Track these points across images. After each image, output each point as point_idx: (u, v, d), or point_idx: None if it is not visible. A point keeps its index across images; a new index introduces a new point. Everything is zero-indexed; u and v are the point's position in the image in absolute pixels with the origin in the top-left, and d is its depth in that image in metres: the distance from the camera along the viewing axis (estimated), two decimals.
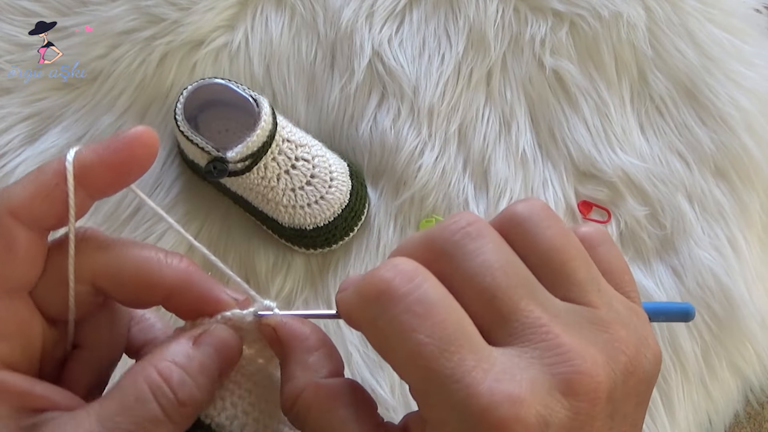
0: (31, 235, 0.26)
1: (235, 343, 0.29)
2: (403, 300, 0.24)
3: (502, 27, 0.72)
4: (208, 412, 0.28)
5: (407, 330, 0.24)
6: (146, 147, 0.27)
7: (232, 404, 0.29)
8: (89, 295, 0.28)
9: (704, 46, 0.72)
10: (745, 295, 0.65)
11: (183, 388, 0.26)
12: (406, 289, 0.24)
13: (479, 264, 0.25)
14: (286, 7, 0.71)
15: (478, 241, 0.26)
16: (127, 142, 0.27)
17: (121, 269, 0.28)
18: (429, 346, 0.23)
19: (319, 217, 0.63)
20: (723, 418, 0.66)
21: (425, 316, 0.24)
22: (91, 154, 0.27)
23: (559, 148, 0.69)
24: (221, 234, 0.66)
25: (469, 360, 0.23)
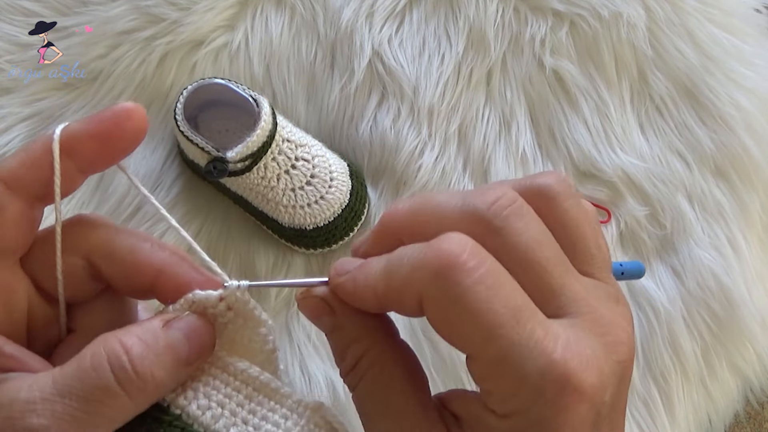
0: (18, 201, 0.27)
1: (207, 332, 0.28)
2: (475, 272, 0.24)
3: (502, 27, 0.72)
4: (179, 402, 0.28)
5: (483, 300, 0.24)
6: (133, 121, 0.27)
7: (206, 395, 0.28)
8: (83, 270, 0.28)
9: (704, 46, 0.72)
10: (745, 295, 0.65)
11: (142, 362, 0.25)
12: (475, 262, 0.24)
13: (527, 240, 0.26)
14: (286, 7, 0.71)
15: (525, 218, 0.27)
16: (114, 115, 0.27)
17: (115, 246, 0.28)
18: (505, 316, 0.24)
19: (319, 217, 0.63)
20: (723, 418, 0.66)
21: (497, 288, 0.24)
22: (79, 125, 0.28)
23: (559, 148, 0.69)
24: (221, 234, 0.66)
25: (538, 330, 0.24)
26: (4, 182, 0.27)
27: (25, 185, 0.27)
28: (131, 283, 0.29)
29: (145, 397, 0.26)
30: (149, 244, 0.29)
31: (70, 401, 0.24)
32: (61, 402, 0.24)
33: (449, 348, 0.60)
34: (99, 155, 0.28)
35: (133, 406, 0.25)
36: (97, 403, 0.24)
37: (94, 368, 0.25)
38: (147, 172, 0.66)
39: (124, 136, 0.28)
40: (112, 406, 0.25)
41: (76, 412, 0.24)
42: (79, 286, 0.29)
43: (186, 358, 0.27)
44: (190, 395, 0.28)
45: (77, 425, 0.24)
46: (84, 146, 0.27)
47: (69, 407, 0.24)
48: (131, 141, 0.28)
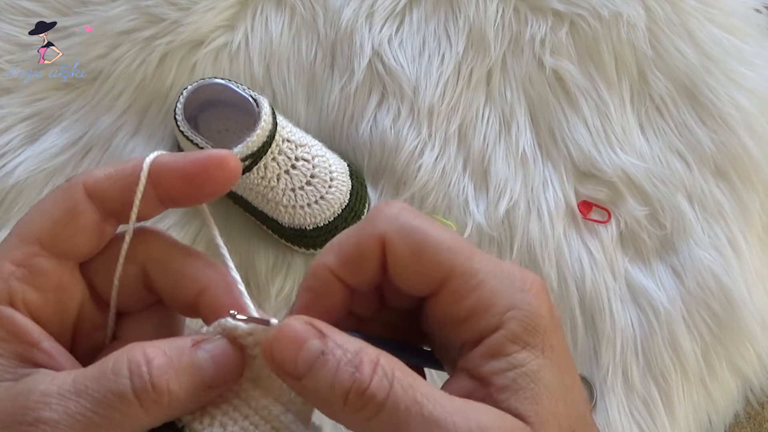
0: (95, 211, 0.28)
1: (235, 359, 0.28)
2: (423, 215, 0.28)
3: (502, 27, 0.72)
4: (194, 426, 0.27)
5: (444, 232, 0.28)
6: (223, 169, 0.28)
7: (221, 424, 0.28)
8: (137, 279, 0.29)
9: (704, 46, 0.72)
10: (745, 295, 0.65)
11: (161, 375, 0.25)
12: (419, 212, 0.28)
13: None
14: (286, 7, 0.71)
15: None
16: (206, 158, 0.28)
17: (170, 258, 0.29)
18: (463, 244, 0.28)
19: (319, 217, 0.63)
20: (723, 418, 0.66)
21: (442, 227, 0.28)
22: (171, 158, 0.28)
23: (559, 148, 0.69)
24: (221, 234, 0.66)
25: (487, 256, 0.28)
26: (86, 190, 0.28)
27: (105, 198, 0.28)
28: (177, 297, 0.29)
29: (158, 410, 0.25)
30: (202, 260, 0.29)
31: (84, 401, 0.24)
32: (76, 400, 0.24)
33: None
34: (182, 194, 0.28)
35: (146, 417, 0.25)
36: (110, 408, 0.24)
37: (113, 373, 0.25)
38: None
39: (211, 182, 0.28)
40: (124, 413, 0.24)
41: (88, 413, 0.24)
42: (131, 294, 0.29)
43: (210, 382, 0.27)
44: (206, 421, 0.28)
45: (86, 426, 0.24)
46: (170, 181, 0.28)
47: (81, 407, 0.24)
48: (218, 189, 0.28)
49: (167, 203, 0.29)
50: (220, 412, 0.28)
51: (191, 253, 0.30)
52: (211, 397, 0.28)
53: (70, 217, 0.27)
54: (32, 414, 0.24)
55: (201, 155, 0.28)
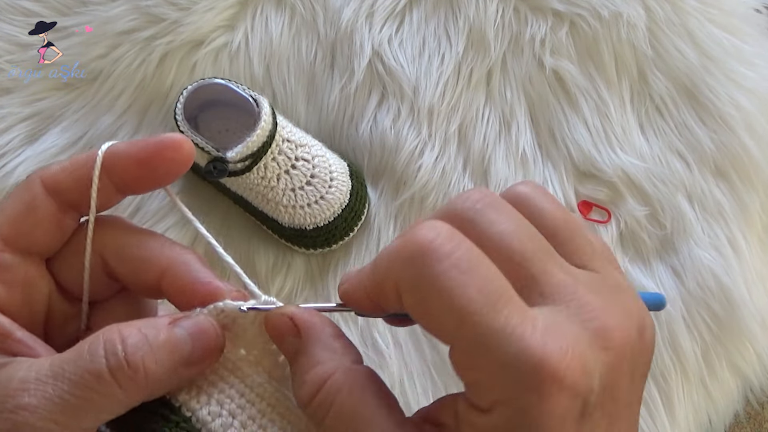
0: (53, 204, 0.28)
1: (214, 335, 0.28)
2: (448, 257, 0.24)
3: (502, 27, 0.72)
4: (190, 405, 0.28)
5: (456, 286, 0.23)
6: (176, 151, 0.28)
7: (218, 402, 0.28)
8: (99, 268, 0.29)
9: (704, 46, 0.72)
10: (745, 295, 0.65)
11: (135, 352, 0.25)
12: (450, 246, 0.24)
13: (504, 229, 0.26)
14: (286, 7, 0.71)
15: (500, 210, 0.26)
16: (159, 141, 0.28)
17: (124, 243, 0.29)
18: (480, 302, 0.23)
19: (319, 217, 0.63)
20: (723, 418, 0.66)
21: (472, 272, 0.24)
22: (124, 145, 0.28)
23: (559, 148, 0.69)
24: (221, 234, 0.66)
25: (515, 316, 0.23)
26: (44, 184, 0.28)
27: (63, 190, 0.28)
28: (139, 281, 0.29)
29: (136, 388, 0.25)
30: (159, 242, 0.29)
31: (61, 383, 0.24)
32: (53, 384, 0.24)
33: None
34: (138, 179, 0.29)
35: (124, 396, 0.25)
36: (87, 389, 0.24)
37: (89, 353, 0.25)
38: None
39: (165, 165, 0.28)
40: (101, 393, 0.25)
41: (66, 395, 0.24)
42: (96, 284, 0.29)
43: (188, 358, 0.27)
44: (203, 399, 0.28)
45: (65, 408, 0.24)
46: (124, 167, 0.28)
47: (59, 389, 0.24)
48: (172, 171, 0.29)
49: (125, 191, 0.29)
50: (217, 390, 0.28)
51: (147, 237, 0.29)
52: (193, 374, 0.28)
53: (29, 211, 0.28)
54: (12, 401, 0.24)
55: (153, 139, 0.28)
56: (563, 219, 0.28)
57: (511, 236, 0.26)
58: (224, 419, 0.28)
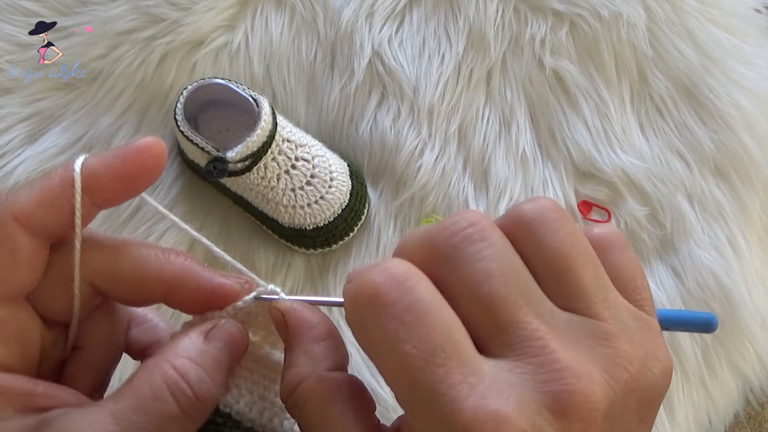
0: (33, 241, 0.26)
1: (242, 336, 0.29)
2: (391, 307, 0.23)
3: (502, 27, 0.72)
4: (227, 402, 0.28)
5: (394, 339, 0.23)
6: (155, 158, 0.27)
7: (248, 390, 0.29)
8: (88, 295, 0.28)
9: (704, 46, 0.72)
10: (745, 295, 0.65)
11: (201, 385, 0.25)
12: (395, 295, 0.23)
13: (477, 270, 0.24)
14: (286, 7, 0.71)
15: (479, 245, 0.24)
16: (136, 152, 0.27)
17: (120, 268, 0.28)
18: (415, 358, 0.22)
19: (319, 217, 0.63)
20: (723, 418, 0.66)
21: (413, 324, 0.23)
22: (99, 162, 0.26)
23: (559, 148, 0.69)
24: (221, 234, 0.66)
25: (455, 373, 0.22)
26: (20, 221, 0.26)
27: (42, 225, 0.26)
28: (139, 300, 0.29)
29: (203, 415, 0.26)
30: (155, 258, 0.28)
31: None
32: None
33: None
34: (119, 194, 0.27)
35: (194, 426, 0.26)
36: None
37: (156, 399, 0.25)
38: None
39: (145, 174, 0.27)
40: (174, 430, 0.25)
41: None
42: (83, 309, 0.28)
43: (228, 365, 0.28)
44: (236, 393, 0.29)
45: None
46: (104, 185, 0.27)
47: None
48: (151, 177, 0.27)
49: (103, 206, 0.28)
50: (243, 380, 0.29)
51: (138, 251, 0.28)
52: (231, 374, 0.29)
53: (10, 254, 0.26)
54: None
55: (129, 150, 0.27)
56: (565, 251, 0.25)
57: (483, 281, 0.24)
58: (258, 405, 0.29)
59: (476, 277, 0.24)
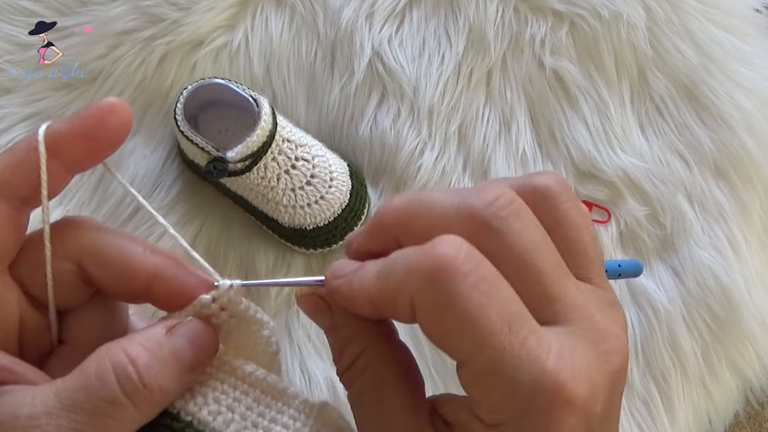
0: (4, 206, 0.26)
1: (209, 336, 0.28)
2: (469, 276, 0.24)
3: (502, 27, 0.72)
4: (189, 409, 0.27)
5: (476, 307, 0.23)
6: (116, 116, 0.27)
7: (215, 400, 0.28)
8: (73, 275, 0.28)
9: (704, 46, 0.72)
10: (745, 295, 0.65)
11: (149, 372, 0.25)
12: (470, 266, 0.24)
13: (525, 244, 0.25)
14: (286, 7, 0.71)
15: (524, 220, 0.26)
16: (97, 110, 0.27)
17: (106, 250, 0.27)
18: (498, 324, 0.23)
19: (319, 217, 0.63)
20: (723, 418, 0.66)
21: (491, 293, 0.24)
22: (62, 123, 0.27)
23: (559, 148, 0.69)
24: (221, 234, 0.66)
25: (531, 339, 0.24)
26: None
27: (11, 189, 0.26)
28: (123, 288, 0.28)
29: (151, 406, 0.25)
30: (141, 247, 0.28)
31: (75, 415, 0.23)
32: (66, 416, 0.23)
33: None
34: (85, 154, 0.27)
35: (140, 416, 0.25)
36: (104, 416, 0.24)
37: (99, 379, 0.24)
38: (147, 172, 0.66)
39: (108, 133, 0.27)
40: (118, 418, 0.24)
41: (82, 426, 0.23)
42: (69, 291, 0.28)
43: (190, 365, 0.27)
44: (200, 401, 0.28)
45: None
46: (69, 145, 0.27)
47: (74, 422, 0.23)
48: (116, 137, 0.27)
49: (74, 170, 0.27)
50: (210, 389, 0.28)
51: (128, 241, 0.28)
52: (192, 379, 0.27)
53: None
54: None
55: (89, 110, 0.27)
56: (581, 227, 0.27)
57: (533, 253, 0.25)
58: (224, 416, 0.28)
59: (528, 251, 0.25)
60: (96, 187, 0.65)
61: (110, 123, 0.27)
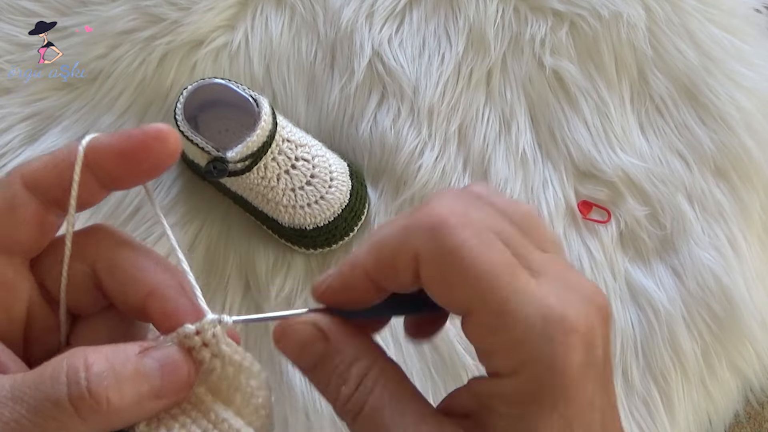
0: (34, 202, 0.27)
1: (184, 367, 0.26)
2: (468, 227, 0.25)
3: (502, 27, 0.72)
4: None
5: (479, 253, 0.25)
6: (161, 141, 0.27)
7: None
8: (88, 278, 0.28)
9: (704, 46, 0.72)
10: (745, 295, 0.65)
11: (99, 382, 0.24)
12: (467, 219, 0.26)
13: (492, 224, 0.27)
14: (286, 7, 0.71)
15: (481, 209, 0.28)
16: (142, 132, 0.27)
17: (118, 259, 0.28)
18: (501, 266, 0.25)
19: (319, 217, 0.63)
20: (723, 418, 0.66)
21: (490, 242, 0.25)
22: (106, 138, 0.27)
23: (559, 148, 0.69)
24: (221, 234, 0.66)
25: (532, 282, 0.25)
26: (24, 181, 0.27)
27: (44, 188, 0.27)
28: (125, 299, 0.28)
29: (97, 419, 0.24)
30: (153, 263, 0.28)
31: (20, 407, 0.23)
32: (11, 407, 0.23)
33: (449, 348, 0.60)
34: (122, 173, 0.27)
35: (83, 426, 0.24)
36: (45, 416, 0.23)
37: (50, 378, 0.24)
38: None
39: (149, 157, 0.27)
40: (59, 421, 0.23)
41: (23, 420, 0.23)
42: (82, 294, 0.28)
43: (156, 391, 0.25)
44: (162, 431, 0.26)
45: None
46: (107, 162, 0.27)
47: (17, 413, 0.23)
48: (158, 163, 0.27)
49: (109, 185, 0.28)
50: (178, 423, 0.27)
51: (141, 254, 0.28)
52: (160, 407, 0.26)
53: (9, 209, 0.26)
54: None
55: (137, 131, 0.27)
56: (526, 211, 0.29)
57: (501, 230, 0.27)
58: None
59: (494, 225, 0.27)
60: None
61: (153, 148, 0.27)
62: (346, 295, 0.28)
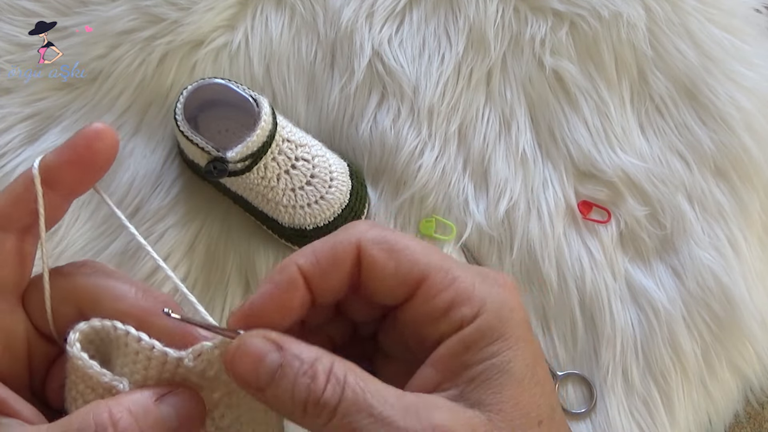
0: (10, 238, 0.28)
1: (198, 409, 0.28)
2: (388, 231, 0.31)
3: (502, 27, 0.72)
4: None
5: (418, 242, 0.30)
6: (103, 141, 0.28)
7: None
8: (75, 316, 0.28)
9: (704, 46, 0.72)
10: (745, 295, 0.64)
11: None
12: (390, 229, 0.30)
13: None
14: (286, 7, 0.71)
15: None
16: (83, 138, 0.28)
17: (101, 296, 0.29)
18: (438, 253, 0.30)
19: (319, 217, 0.63)
20: (723, 418, 0.66)
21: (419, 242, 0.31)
22: (54, 155, 0.28)
23: (559, 148, 0.69)
24: (221, 234, 0.66)
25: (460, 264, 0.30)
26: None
27: (12, 221, 0.28)
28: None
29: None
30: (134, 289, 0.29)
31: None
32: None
33: None
34: (77, 180, 0.29)
35: None
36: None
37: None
38: (147, 172, 0.66)
39: (96, 157, 0.28)
40: None
41: None
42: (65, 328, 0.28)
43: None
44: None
45: None
46: (62, 175, 0.28)
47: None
48: (104, 161, 0.29)
49: (69, 196, 0.29)
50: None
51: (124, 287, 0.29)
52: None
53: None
54: None
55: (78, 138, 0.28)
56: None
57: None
58: None
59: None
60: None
61: (97, 148, 0.28)
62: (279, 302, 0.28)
